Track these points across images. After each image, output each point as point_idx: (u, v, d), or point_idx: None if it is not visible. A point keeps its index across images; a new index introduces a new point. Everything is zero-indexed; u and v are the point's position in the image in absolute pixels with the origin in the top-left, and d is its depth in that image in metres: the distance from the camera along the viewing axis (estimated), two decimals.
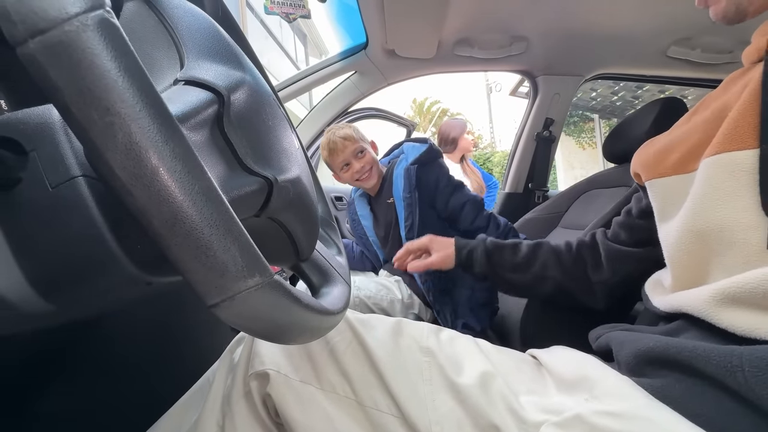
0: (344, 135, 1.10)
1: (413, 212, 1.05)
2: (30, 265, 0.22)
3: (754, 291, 0.34)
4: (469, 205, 1.07)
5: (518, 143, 1.74)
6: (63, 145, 0.22)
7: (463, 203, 1.07)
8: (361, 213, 1.25)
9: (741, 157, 0.37)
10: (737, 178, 0.37)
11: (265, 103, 0.30)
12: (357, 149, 1.10)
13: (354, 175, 1.12)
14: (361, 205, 1.25)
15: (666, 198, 0.48)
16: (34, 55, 0.15)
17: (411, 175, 1.06)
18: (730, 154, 0.38)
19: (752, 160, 0.36)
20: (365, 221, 1.24)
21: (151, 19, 0.29)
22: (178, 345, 0.59)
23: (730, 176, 0.38)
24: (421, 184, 1.07)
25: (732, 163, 0.38)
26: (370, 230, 1.24)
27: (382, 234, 1.19)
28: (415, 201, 1.05)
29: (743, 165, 0.37)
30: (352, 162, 1.11)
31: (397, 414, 0.39)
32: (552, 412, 0.37)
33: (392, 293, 1.11)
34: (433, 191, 1.08)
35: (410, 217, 1.05)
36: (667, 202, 0.48)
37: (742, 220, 0.36)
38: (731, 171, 0.38)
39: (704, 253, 0.41)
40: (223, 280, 0.18)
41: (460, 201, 1.07)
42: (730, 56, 1.28)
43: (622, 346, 0.44)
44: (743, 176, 0.37)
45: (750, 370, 0.31)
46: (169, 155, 0.17)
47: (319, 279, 0.37)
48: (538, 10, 1.13)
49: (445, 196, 1.08)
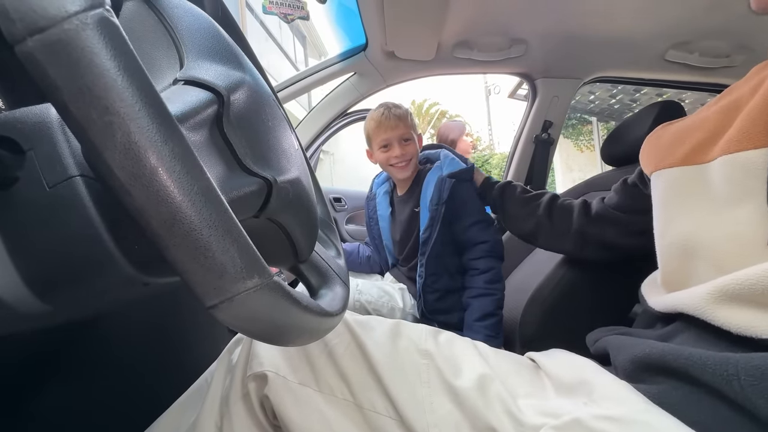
0: (399, 114, 1.04)
1: (434, 226, 1.00)
2: (26, 264, 0.22)
3: (753, 287, 0.34)
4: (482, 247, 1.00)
5: (517, 145, 1.74)
6: (60, 144, 0.22)
7: (479, 242, 1.00)
8: (381, 213, 1.18)
9: (755, 155, 0.38)
10: (752, 176, 0.38)
11: (264, 103, 0.30)
12: (405, 135, 1.03)
13: (391, 159, 1.03)
14: (383, 204, 1.18)
15: (673, 186, 0.48)
16: (32, 53, 0.15)
17: (445, 188, 1.00)
18: (746, 153, 0.38)
19: (764, 158, 0.37)
20: (383, 222, 1.18)
21: (151, 18, 0.29)
22: (176, 345, 0.59)
23: (747, 175, 0.38)
24: (452, 201, 1.01)
25: (748, 161, 0.38)
26: (387, 232, 1.18)
27: (398, 238, 1.14)
28: (439, 215, 1.00)
29: (756, 163, 0.37)
30: (394, 145, 1.03)
31: (395, 416, 0.39)
32: (550, 416, 0.37)
33: (394, 300, 1.09)
34: (459, 211, 1.02)
35: (429, 230, 1.00)
36: (675, 190, 0.48)
37: (748, 216, 0.37)
38: (747, 170, 0.38)
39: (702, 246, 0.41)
40: (222, 282, 0.18)
41: (478, 238, 1.00)
42: (728, 60, 1.29)
43: (618, 351, 0.44)
44: (757, 174, 0.37)
45: (746, 378, 0.31)
46: (168, 155, 0.17)
47: (318, 280, 0.37)
48: (537, 13, 1.13)
49: (466, 222, 1.01)
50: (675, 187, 0.48)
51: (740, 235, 0.38)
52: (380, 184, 1.23)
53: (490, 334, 0.91)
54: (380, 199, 1.20)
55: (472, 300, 0.97)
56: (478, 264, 0.99)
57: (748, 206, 0.37)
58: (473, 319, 0.94)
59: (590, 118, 7.69)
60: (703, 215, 0.42)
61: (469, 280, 1.00)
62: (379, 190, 1.22)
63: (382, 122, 1.03)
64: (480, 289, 0.96)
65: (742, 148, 0.39)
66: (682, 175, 0.47)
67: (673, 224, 0.46)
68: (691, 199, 0.44)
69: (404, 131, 1.03)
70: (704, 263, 0.41)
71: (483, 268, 0.98)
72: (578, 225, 0.79)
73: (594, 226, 0.77)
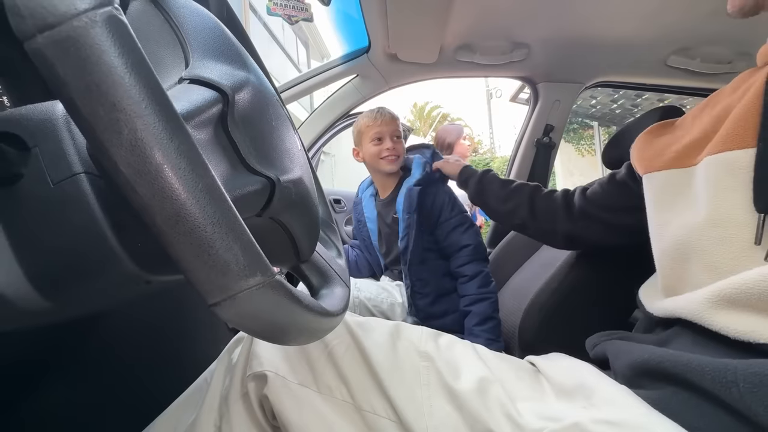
0: (393, 114, 1.11)
1: (409, 234, 1.02)
2: (30, 261, 0.22)
3: (750, 291, 0.34)
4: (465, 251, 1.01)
5: (518, 149, 1.75)
6: (65, 141, 0.22)
7: (461, 246, 1.02)
8: (368, 215, 1.21)
9: (740, 155, 0.38)
10: (736, 176, 0.38)
11: (268, 103, 0.30)
12: (396, 132, 1.09)
13: (382, 152, 1.08)
14: (370, 206, 1.21)
15: (663, 190, 0.49)
16: (42, 50, 0.15)
17: (413, 197, 1.03)
18: (731, 153, 0.39)
19: (750, 159, 0.37)
20: (371, 224, 1.20)
21: (157, 18, 0.29)
22: (176, 345, 0.59)
23: (729, 174, 0.39)
24: (422, 208, 1.03)
25: (733, 161, 0.39)
26: (375, 234, 1.20)
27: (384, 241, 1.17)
28: (413, 223, 1.02)
29: (741, 163, 0.38)
30: (386, 138, 1.08)
31: (394, 418, 0.39)
32: (550, 420, 0.37)
33: (393, 297, 1.10)
34: (435, 217, 1.04)
35: (405, 239, 1.02)
36: (665, 194, 0.48)
37: (735, 216, 0.38)
38: (731, 169, 0.39)
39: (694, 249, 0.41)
40: (225, 279, 0.18)
41: (460, 242, 1.02)
42: (729, 66, 1.29)
43: (617, 356, 0.44)
44: (741, 174, 0.38)
45: (745, 386, 0.31)
46: (173, 152, 0.17)
47: (319, 280, 0.37)
48: (539, 18, 1.14)
49: (446, 228, 1.03)
50: (665, 190, 0.48)
51: (729, 236, 0.38)
52: (365, 188, 1.26)
53: (491, 338, 0.92)
54: (366, 201, 1.23)
55: (469, 307, 0.98)
56: (466, 270, 1.00)
57: (734, 207, 0.38)
58: (473, 324, 0.95)
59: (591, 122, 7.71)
60: (692, 218, 0.42)
61: (462, 288, 1.01)
62: (365, 194, 1.25)
63: (377, 117, 1.10)
64: (474, 295, 0.98)
65: (727, 148, 0.39)
66: (671, 179, 0.47)
67: (666, 228, 0.47)
68: (680, 202, 0.45)
69: (396, 129, 1.10)
70: (698, 266, 0.41)
71: (471, 274, 1.00)
72: (563, 228, 0.77)
73: (579, 228, 0.74)
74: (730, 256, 0.38)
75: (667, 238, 0.46)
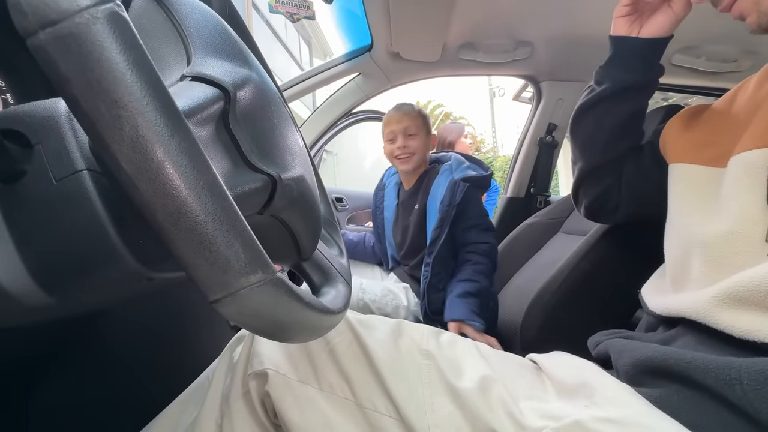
0: (406, 111, 1.11)
1: (443, 227, 1.02)
2: (32, 257, 0.22)
3: (756, 289, 0.34)
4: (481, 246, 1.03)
5: (521, 148, 1.74)
6: (68, 138, 0.22)
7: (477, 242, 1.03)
8: (388, 203, 1.22)
9: (758, 155, 0.39)
10: (755, 174, 0.38)
11: (270, 101, 0.30)
12: (408, 129, 1.09)
13: (394, 151, 1.10)
14: (392, 196, 1.21)
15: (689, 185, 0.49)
16: (44, 46, 0.15)
17: (458, 191, 1.03)
18: (758, 151, 0.39)
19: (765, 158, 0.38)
20: (388, 213, 1.21)
21: (159, 15, 0.29)
22: (178, 343, 0.59)
23: (749, 172, 0.39)
24: (462, 204, 1.03)
25: (753, 160, 0.39)
26: (390, 223, 1.20)
27: (400, 233, 1.17)
28: (449, 217, 1.02)
29: (759, 162, 0.38)
30: (398, 137, 1.09)
31: (396, 416, 0.39)
32: (551, 418, 0.37)
33: (398, 299, 1.10)
34: (462, 213, 1.05)
35: (438, 230, 1.02)
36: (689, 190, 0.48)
37: (748, 213, 0.38)
38: (751, 167, 0.39)
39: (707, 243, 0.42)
40: (226, 276, 0.18)
41: (477, 239, 1.04)
42: (735, 65, 1.28)
43: (620, 354, 0.44)
44: (760, 173, 0.38)
45: (749, 383, 0.31)
46: (175, 149, 0.17)
47: (320, 278, 0.37)
48: (543, 16, 1.13)
49: (467, 224, 1.04)
50: (691, 184, 0.48)
51: (738, 231, 0.38)
52: (390, 175, 1.26)
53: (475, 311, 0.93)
54: (389, 189, 1.24)
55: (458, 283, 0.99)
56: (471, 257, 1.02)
57: (749, 204, 0.38)
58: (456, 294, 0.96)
59: None
60: (706, 212, 0.43)
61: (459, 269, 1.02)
62: (390, 181, 1.25)
63: (391, 116, 1.11)
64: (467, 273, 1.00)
65: (747, 147, 0.40)
66: (701, 174, 0.47)
67: (679, 218, 0.47)
68: (702, 198, 0.45)
69: (408, 125, 1.09)
70: (699, 260, 0.42)
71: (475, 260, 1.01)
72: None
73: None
74: (736, 253, 0.38)
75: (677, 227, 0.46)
